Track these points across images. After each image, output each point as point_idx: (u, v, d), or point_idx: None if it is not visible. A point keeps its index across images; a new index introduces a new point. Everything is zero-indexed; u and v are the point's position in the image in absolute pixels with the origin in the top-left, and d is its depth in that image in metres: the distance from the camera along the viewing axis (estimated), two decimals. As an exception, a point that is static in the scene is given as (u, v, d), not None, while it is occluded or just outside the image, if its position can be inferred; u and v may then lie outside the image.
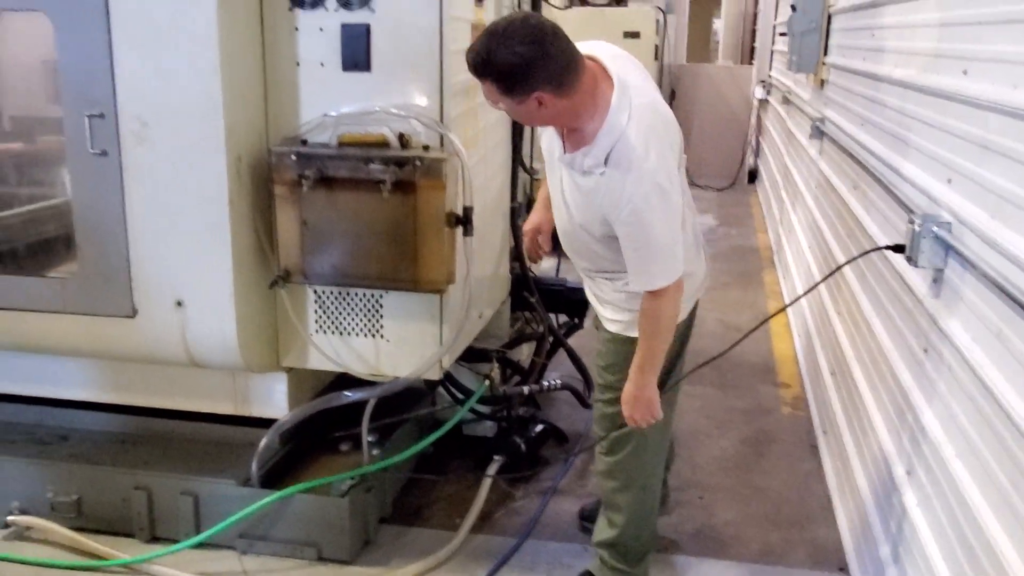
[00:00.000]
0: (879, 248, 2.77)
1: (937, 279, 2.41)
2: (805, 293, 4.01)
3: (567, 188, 2.49)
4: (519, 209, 3.75)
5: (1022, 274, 1.85)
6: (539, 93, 2.20)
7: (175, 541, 3.05)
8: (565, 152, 2.43)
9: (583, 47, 2.37)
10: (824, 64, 5.01)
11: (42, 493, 3.12)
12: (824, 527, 3.35)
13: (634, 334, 2.53)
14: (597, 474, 2.91)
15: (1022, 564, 1.75)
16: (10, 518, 3.09)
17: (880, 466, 2.84)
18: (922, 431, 2.43)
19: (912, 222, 2.40)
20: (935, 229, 2.33)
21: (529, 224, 3.03)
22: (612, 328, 2.68)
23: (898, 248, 2.52)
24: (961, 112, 2.36)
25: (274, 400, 3.18)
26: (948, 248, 2.31)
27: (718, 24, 13.78)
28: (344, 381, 3.26)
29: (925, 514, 2.37)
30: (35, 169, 3.47)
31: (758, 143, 10.59)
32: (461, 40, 2.88)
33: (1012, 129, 1.99)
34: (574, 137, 2.37)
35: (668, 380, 2.69)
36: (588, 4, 6.52)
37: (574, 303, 3.95)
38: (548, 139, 2.55)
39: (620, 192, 2.27)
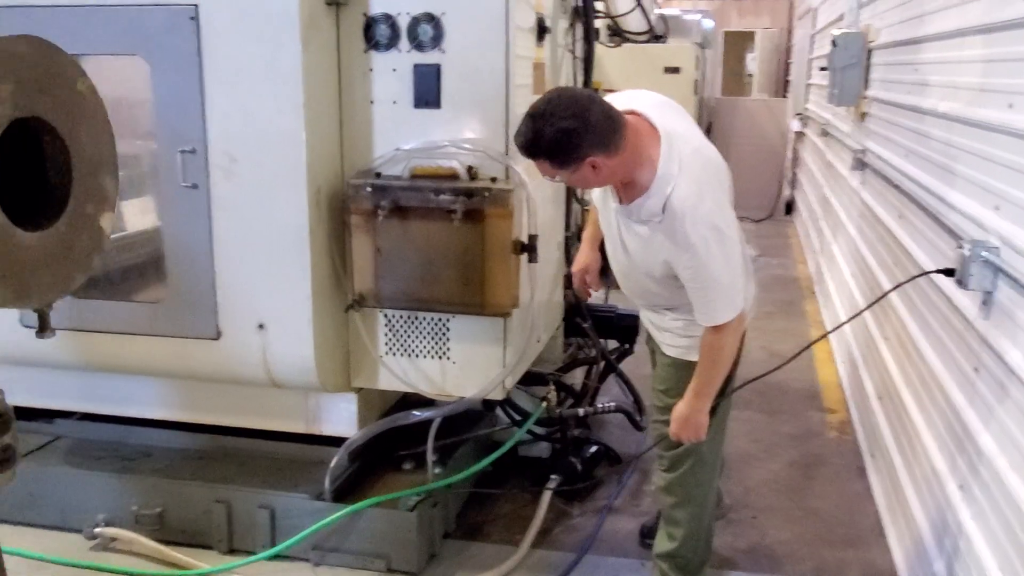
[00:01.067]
0: (930, 272, 2.89)
1: (987, 301, 2.52)
2: (852, 318, 4.11)
3: (625, 235, 2.61)
4: (572, 238, 3.90)
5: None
6: (591, 158, 2.32)
7: (252, 553, 3.21)
8: (621, 203, 2.55)
9: (622, 100, 2.51)
10: (865, 97, 5.14)
11: (127, 506, 3.29)
12: (876, 546, 3.43)
13: (693, 358, 2.64)
14: (657, 490, 3.02)
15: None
16: (97, 529, 3.26)
17: (932, 484, 2.92)
18: (975, 446, 2.52)
19: (962, 247, 2.51)
20: (984, 253, 2.45)
21: (577, 265, 3.17)
22: (671, 352, 2.79)
23: (948, 272, 2.64)
24: (1007, 143, 2.48)
25: (344, 419, 3.33)
26: (997, 271, 2.42)
27: (750, 58, 13.94)
28: (406, 403, 3.41)
29: (980, 527, 2.45)
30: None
31: (794, 175, 10.68)
32: (524, 77, 3.06)
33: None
34: (628, 189, 2.49)
35: (720, 401, 2.79)
36: (629, 41, 6.68)
37: (625, 329, 4.08)
38: (601, 190, 2.68)
39: (680, 238, 2.39)
